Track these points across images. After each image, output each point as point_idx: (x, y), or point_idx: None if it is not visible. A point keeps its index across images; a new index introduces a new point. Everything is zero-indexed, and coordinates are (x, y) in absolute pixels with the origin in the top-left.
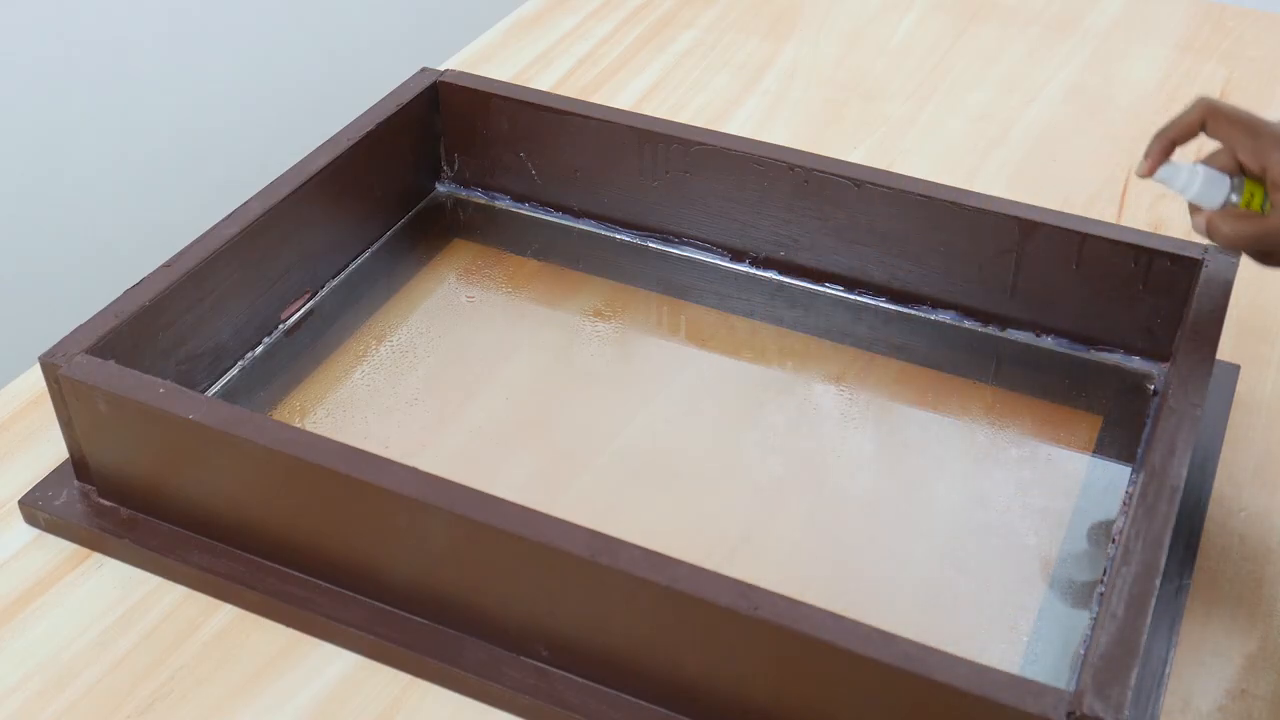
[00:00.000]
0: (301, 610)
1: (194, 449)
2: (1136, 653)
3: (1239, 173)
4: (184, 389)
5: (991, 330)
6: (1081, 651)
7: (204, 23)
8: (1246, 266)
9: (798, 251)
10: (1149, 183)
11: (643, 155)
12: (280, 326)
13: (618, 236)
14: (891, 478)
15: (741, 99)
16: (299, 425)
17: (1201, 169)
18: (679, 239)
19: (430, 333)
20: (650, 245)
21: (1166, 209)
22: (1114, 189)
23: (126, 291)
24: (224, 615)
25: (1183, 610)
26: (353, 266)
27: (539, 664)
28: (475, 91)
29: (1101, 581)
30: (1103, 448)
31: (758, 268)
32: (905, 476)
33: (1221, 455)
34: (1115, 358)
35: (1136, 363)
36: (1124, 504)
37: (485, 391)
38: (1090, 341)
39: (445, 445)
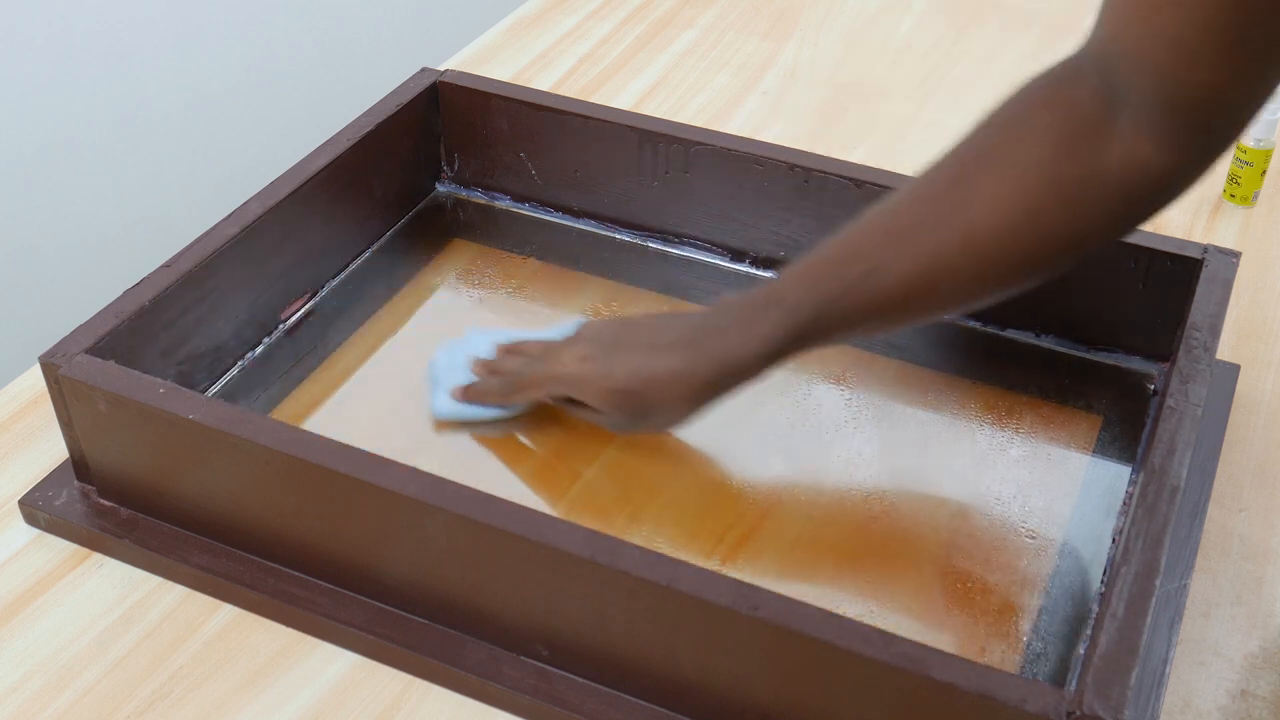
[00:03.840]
0: (301, 610)
1: (194, 449)
2: (1136, 653)
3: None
4: (184, 389)
5: (991, 330)
6: (1081, 651)
7: (204, 23)
8: (1247, 266)
9: (797, 251)
10: None
11: (643, 155)
12: (280, 326)
13: (618, 236)
14: (891, 478)
15: (741, 99)
16: (299, 425)
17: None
18: (679, 239)
19: (430, 333)
20: (650, 245)
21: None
22: None
23: (126, 291)
24: (224, 615)
25: (1183, 610)
26: (353, 266)
27: (539, 664)
28: (475, 91)
29: (1101, 581)
30: (1103, 448)
31: (758, 268)
32: (905, 476)
33: (1221, 455)
34: (1115, 358)
35: (1136, 363)
36: (1124, 504)
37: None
38: (1090, 341)
39: (445, 445)
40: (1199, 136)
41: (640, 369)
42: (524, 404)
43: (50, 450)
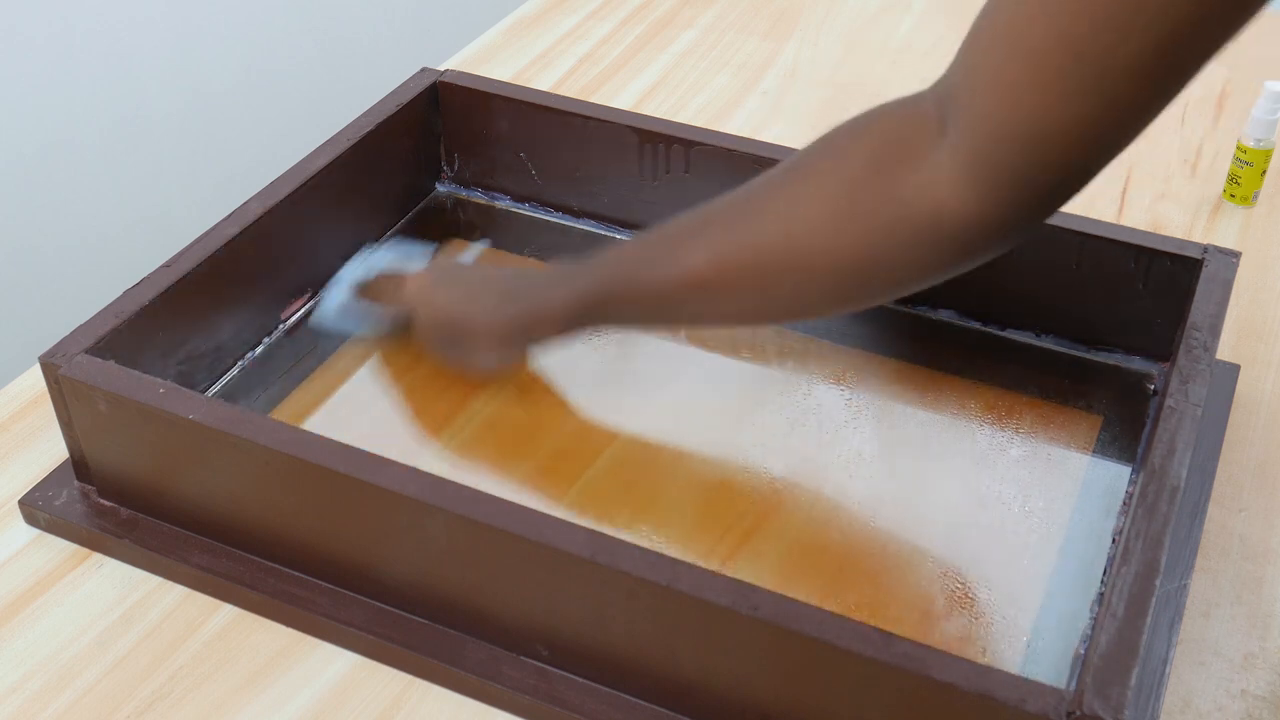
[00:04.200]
0: (301, 610)
1: (194, 449)
2: (1136, 653)
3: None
4: (184, 389)
5: (991, 330)
6: (1081, 651)
7: (204, 23)
8: (1246, 266)
9: None
10: (1149, 182)
11: (643, 155)
12: (280, 326)
13: (618, 236)
14: (891, 478)
15: (741, 99)
16: (299, 425)
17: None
18: None
19: None
20: None
21: (1166, 209)
22: (1114, 189)
23: (126, 291)
24: (224, 615)
25: (1183, 610)
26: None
27: (539, 664)
28: (475, 91)
29: (1102, 581)
30: (1103, 448)
31: None
32: (905, 476)
33: (1221, 455)
34: (1115, 358)
35: (1136, 363)
36: (1124, 504)
37: (485, 391)
38: (1090, 341)
39: (445, 445)
40: (1012, 185)
41: (459, 302)
42: (386, 323)
43: (50, 450)
